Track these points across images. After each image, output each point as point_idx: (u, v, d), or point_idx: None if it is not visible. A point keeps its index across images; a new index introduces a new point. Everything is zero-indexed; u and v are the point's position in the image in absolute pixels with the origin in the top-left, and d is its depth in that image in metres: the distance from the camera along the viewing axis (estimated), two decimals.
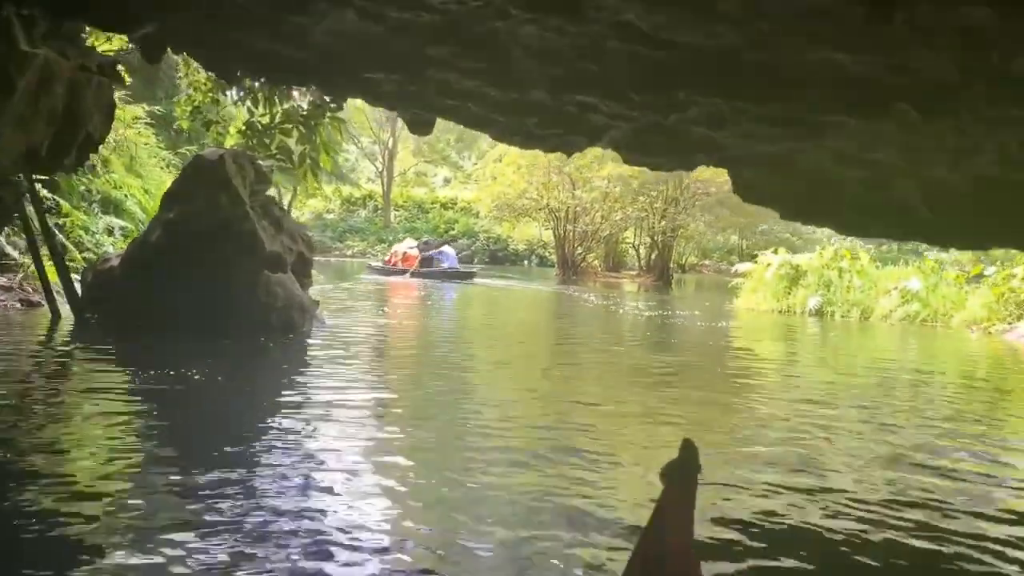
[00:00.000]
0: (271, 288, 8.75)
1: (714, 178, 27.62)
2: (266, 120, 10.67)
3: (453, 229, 49.35)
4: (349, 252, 45.79)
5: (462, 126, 5.93)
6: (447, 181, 74.07)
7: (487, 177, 35.26)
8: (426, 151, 58.32)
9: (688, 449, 1.50)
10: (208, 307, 8.21)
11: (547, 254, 44.96)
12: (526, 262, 46.79)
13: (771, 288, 16.64)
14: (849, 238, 47.52)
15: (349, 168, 59.17)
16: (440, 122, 5.90)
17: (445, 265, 23.96)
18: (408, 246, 25.95)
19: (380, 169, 54.61)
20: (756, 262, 17.95)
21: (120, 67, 7.53)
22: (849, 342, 13.13)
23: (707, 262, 52.08)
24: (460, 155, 67.75)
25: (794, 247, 53.98)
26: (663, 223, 28.90)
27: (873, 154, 4.30)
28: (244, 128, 10.65)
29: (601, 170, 28.91)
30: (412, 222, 52.58)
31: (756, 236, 46.36)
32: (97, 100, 7.01)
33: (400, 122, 54.93)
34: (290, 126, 10.56)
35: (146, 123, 15.53)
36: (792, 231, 51.37)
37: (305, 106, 10.66)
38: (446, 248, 25.69)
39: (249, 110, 10.66)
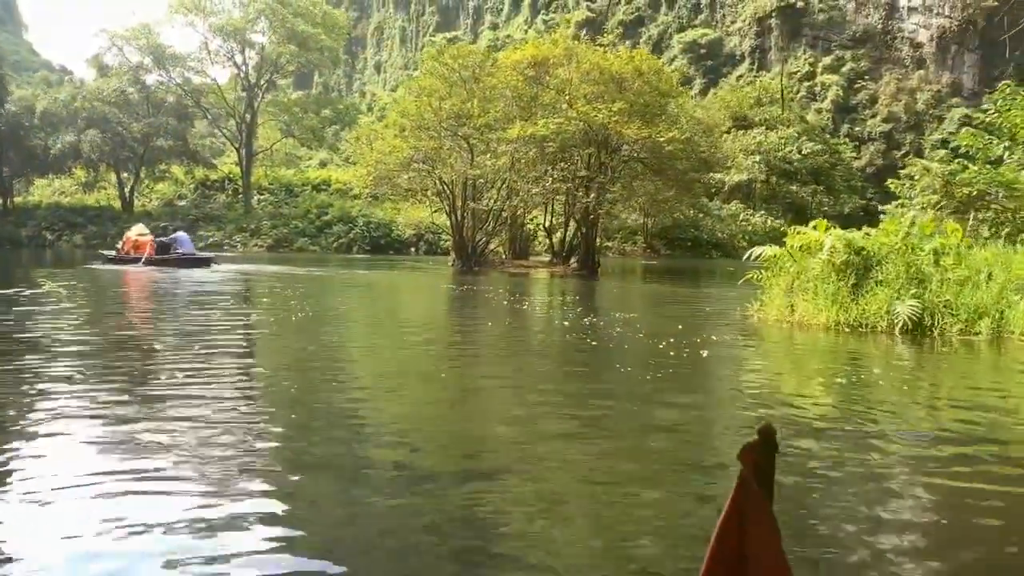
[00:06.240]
0: None
1: (653, 136, 20.91)
2: None
3: (327, 214, 41.05)
4: (200, 244, 36.65)
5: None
6: (324, 164, 64.58)
7: (364, 143, 27.16)
8: (296, 130, 48.68)
9: (767, 431, 1.22)
10: None
11: (438, 240, 37.51)
12: (413, 249, 39.39)
13: (824, 287, 9.91)
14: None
15: (213, 150, 49.12)
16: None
17: (180, 251, 22.22)
18: (138, 232, 23.36)
19: (238, 146, 45.07)
20: (786, 244, 10.94)
21: None
22: None
23: (609, 244, 45.83)
24: (336, 136, 58.47)
25: (705, 227, 49.02)
26: (590, 195, 21.84)
27: None
28: None
29: (509, 131, 21.65)
30: (279, 207, 43.71)
31: (664, 214, 40.56)
32: None
33: (261, 93, 45.77)
34: None
35: None
36: (700, 207, 45.86)
37: None
38: (180, 234, 23.45)
39: None
